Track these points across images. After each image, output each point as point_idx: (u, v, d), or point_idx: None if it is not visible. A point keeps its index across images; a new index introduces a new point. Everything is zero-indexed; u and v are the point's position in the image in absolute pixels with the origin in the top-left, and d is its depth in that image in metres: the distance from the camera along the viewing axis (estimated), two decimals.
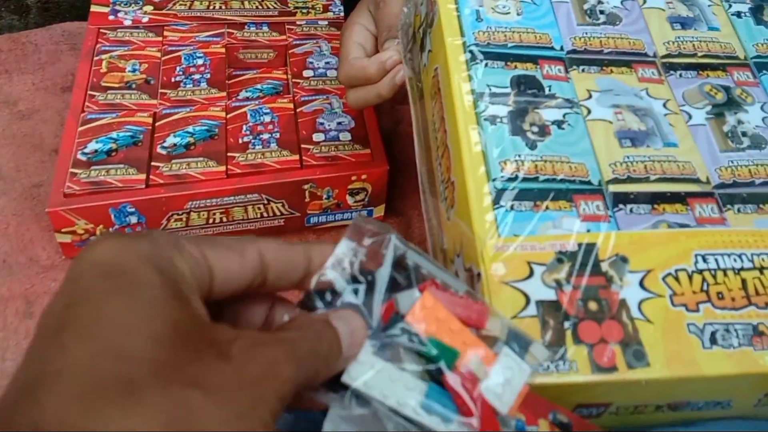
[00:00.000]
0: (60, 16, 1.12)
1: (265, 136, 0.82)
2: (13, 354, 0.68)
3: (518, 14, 0.57)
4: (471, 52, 0.54)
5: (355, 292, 0.35)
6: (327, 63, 0.94)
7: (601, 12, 0.60)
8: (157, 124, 0.81)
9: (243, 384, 0.26)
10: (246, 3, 1.01)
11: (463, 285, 0.38)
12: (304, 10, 1.02)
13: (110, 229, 0.74)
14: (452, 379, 0.34)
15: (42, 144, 0.90)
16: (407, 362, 0.34)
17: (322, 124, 0.84)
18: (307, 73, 0.92)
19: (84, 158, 0.76)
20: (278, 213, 0.80)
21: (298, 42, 0.96)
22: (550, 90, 0.53)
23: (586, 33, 0.58)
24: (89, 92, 0.84)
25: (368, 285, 0.36)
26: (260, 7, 1.02)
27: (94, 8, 0.96)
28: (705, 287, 0.45)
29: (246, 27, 0.98)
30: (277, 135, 0.82)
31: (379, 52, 0.67)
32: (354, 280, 0.36)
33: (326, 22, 1.00)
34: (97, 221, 0.73)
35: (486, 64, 0.53)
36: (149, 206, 0.73)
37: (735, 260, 0.47)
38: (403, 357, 0.35)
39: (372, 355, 0.34)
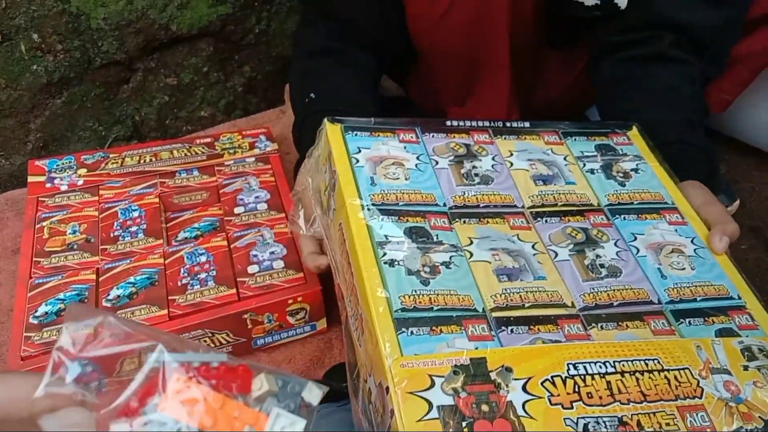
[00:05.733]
0: (2, 186, 1.21)
1: (202, 275, 0.88)
2: None
3: (406, 179, 0.69)
4: (369, 209, 0.64)
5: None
6: (257, 197, 1.01)
7: (476, 175, 0.72)
8: (100, 279, 0.88)
9: None
10: (175, 152, 1.09)
11: (219, 355, 0.39)
12: (231, 150, 1.10)
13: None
14: None
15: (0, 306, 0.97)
16: None
17: (255, 255, 0.91)
18: (238, 210, 0.99)
19: (36, 321, 0.82)
20: (224, 342, 0.86)
21: (227, 181, 1.04)
22: (437, 238, 0.64)
23: (465, 192, 0.70)
24: (35, 259, 0.90)
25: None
26: (189, 153, 1.09)
27: (31, 179, 1.02)
28: (576, 389, 0.55)
29: (177, 174, 1.05)
30: (214, 273, 0.88)
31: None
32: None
33: (253, 159, 1.08)
34: None
35: (382, 219, 0.64)
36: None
37: (600, 367, 0.57)
38: None
39: None
